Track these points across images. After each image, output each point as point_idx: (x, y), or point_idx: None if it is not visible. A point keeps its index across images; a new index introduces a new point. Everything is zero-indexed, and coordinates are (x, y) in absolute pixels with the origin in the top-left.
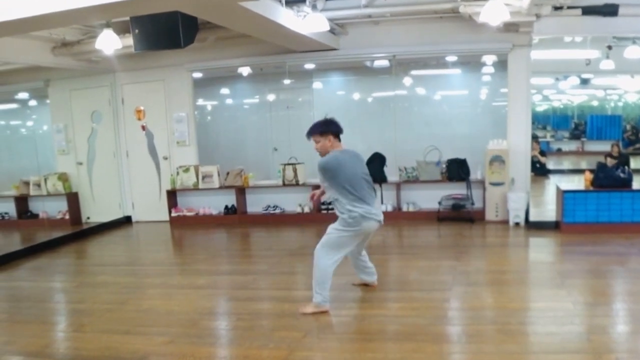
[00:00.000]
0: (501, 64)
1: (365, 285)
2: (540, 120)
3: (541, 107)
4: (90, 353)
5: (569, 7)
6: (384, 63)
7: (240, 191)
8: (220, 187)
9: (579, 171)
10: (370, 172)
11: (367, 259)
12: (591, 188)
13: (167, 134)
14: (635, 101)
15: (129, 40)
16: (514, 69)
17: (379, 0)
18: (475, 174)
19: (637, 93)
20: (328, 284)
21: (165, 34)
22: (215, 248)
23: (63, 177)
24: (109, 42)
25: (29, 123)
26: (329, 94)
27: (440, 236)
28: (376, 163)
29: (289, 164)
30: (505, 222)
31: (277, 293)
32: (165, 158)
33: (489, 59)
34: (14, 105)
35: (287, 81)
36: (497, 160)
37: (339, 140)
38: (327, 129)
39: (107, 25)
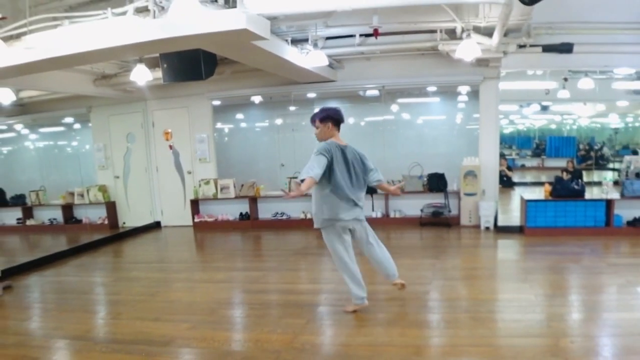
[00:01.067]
0: (474, 93)
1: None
2: (506, 141)
3: (508, 130)
4: (126, 337)
5: (531, 46)
6: (375, 92)
7: (253, 200)
8: (236, 197)
9: (540, 183)
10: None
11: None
12: (550, 198)
13: (191, 152)
14: (587, 125)
15: (159, 73)
16: (485, 97)
17: (370, 39)
18: (452, 186)
19: (589, 118)
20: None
21: (189, 68)
22: (232, 248)
23: (102, 189)
24: (141, 75)
25: (74, 143)
26: None
27: (422, 238)
28: None
29: (294, 177)
30: (478, 227)
31: (284, 286)
32: (189, 172)
33: (464, 89)
34: (61, 128)
35: (292, 108)
36: (471, 174)
37: (339, 130)
38: (327, 115)
39: (140, 61)
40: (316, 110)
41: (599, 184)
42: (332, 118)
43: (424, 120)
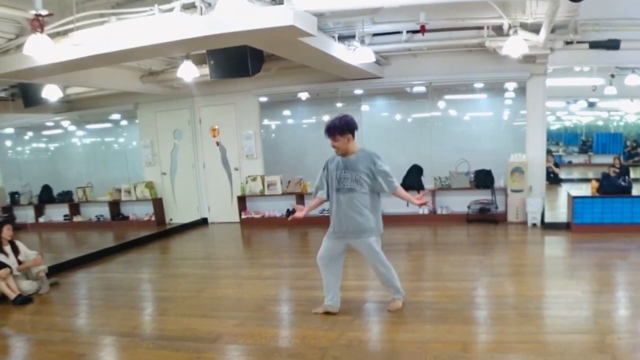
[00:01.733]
0: (521, 90)
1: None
2: (553, 137)
3: (554, 126)
4: (173, 333)
5: (578, 42)
6: (422, 89)
7: (300, 197)
8: (283, 193)
9: (587, 180)
10: (410, 181)
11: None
12: (597, 194)
13: (238, 148)
14: (634, 121)
15: (205, 70)
16: (532, 94)
17: (417, 36)
18: (499, 183)
19: (636, 114)
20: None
21: (236, 64)
22: (279, 245)
23: (149, 185)
24: (188, 72)
25: (121, 139)
26: (375, 116)
27: (469, 235)
28: (415, 173)
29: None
30: (524, 223)
31: None
32: (236, 169)
33: (510, 86)
34: (108, 125)
35: (339, 104)
36: (518, 170)
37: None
38: (348, 128)
39: (187, 57)
40: (329, 118)
41: None
42: (352, 130)
43: (471, 117)
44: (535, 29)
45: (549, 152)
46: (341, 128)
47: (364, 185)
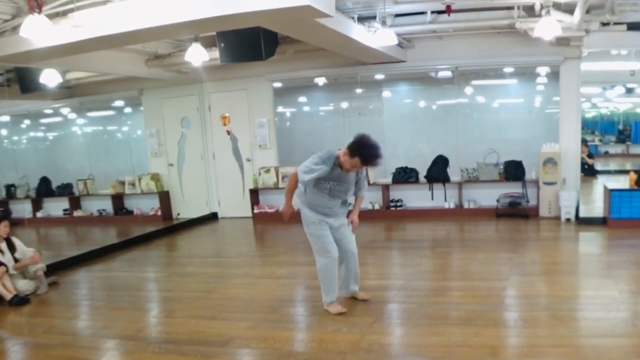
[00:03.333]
0: (553, 75)
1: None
2: (589, 126)
3: (590, 114)
4: (180, 337)
5: (615, 23)
6: (447, 74)
7: None
8: None
9: (625, 172)
10: (435, 173)
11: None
12: (636, 187)
13: (250, 138)
14: None
15: (215, 53)
16: (565, 79)
17: (443, 17)
18: (530, 175)
19: None
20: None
21: (248, 47)
22: (294, 241)
23: (155, 177)
24: (197, 55)
25: (124, 128)
26: (397, 102)
27: (498, 231)
28: (440, 164)
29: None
30: (558, 218)
31: None
32: (248, 160)
33: (543, 70)
34: (111, 112)
35: (359, 90)
36: (550, 162)
37: None
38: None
39: (196, 40)
40: (366, 143)
41: None
42: None
43: (500, 104)
44: (569, 9)
45: (583, 141)
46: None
47: (350, 192)
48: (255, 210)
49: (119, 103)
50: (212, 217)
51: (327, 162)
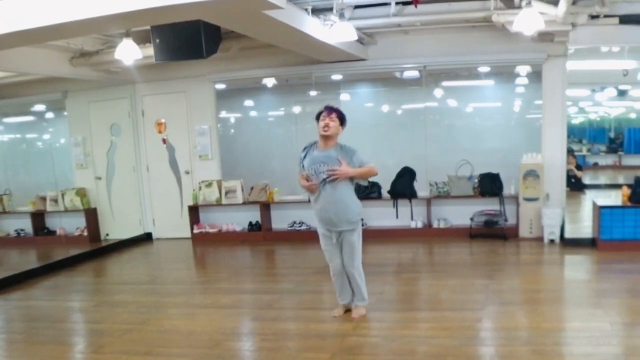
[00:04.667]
0: (536, 75)
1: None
2: (576, 134)
3: (577, 120)
4: None
5: (606, 16)
6: (414, 74)
7: (265, 207)
8: (244, 203)
9: (617, 186)
10: (400, 188)
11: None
12: (629, 204)
13: (189, 147)
14: None
15: (150, 51)
16: (549, 80)
17: (409, 9)
18: (508, 189)
19: None
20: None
21: (188, 44)
22: (239, 266)
23: (81, 193)
24: (129, 53)
25: (46, 136)
26: (358, 106)
27: (472, 254)
28: (406, 178)
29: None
30: (540, 239)
31: (304, 313)
32: (187, 173)
33: (523, 70)
34: (30, 118)
35: (313, 93)
36: (532, 174)
37: None
38: (344, 120)
39: (127, 35)
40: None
41: None
42: (344, 124)
43: (475, 108)
44: (553, 0)
45: (570, 151)
46: (342, 115)
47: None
48: (195, 231)
49: (39, 107)
50: (146, 238)
51: (305, 148)
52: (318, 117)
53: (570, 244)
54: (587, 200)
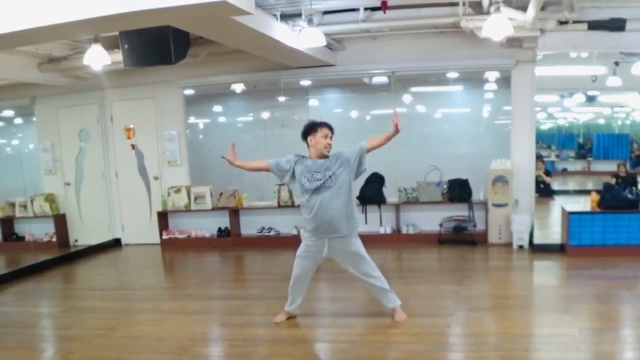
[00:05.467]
0: (504, 81)
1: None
2: (544, 139)
3: (546, 126)
4: None
5: (574, 22)
6: (383, 80)
7: (234, 212)
8: (213, 209)
9: (585, 192)
10: (369, 193)
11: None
12: (598, 209)
13: (158, 153)
14: None
15: (118, 56)
16: (518, 85)
17: (378, 14)
18: (477, 195)
19: None
20: None
21: (156, 49)
22: (208, 272)
23: (50, 198)
24: (97, 58)
25: (15, 142)
26: (326, 112)
27: (441, 259)
28: (374, 184)
29: (284, 185)
30: (509, 245)
31: (272, 318)
32: (156, 178)
33: (492, 76)
34: None
35: (282, 98)
36: (500, 180)
37: None
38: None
39: (96, 41)
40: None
41: None
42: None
43: (444, 114)
44: (521, 5)
45: (538, 157)
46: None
47: (339, 178)
48: (164, 236)
49: (7, 113)
50: (115, 243)
51: (293, 159)
52: (310, 129)
53: (539, 250)
54: (556, 205)
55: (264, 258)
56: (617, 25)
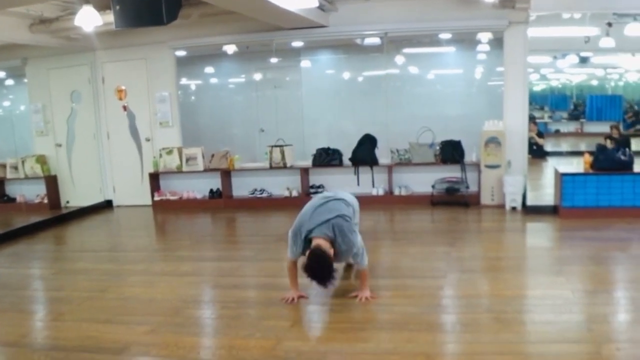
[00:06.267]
0: (497, 42)
1: None
2: (537, 101)
3: (538, 87)
4: (70, 343)
5: None
6: (375, 41)
7: (226, 174)
8: (205, 170)
9: (578, 153)
10: (361, 155)
11: None
12: (591, 171)
13: (150, 114)
14: (636, 81)
15: (110, 17)
16: (511, 46)
17: None
18: (470, 156)
19: (639, 72)
20: None
21: (147, 10)
22: (200, 233)
23: (41, 160)
24: (88, 19)
25: (6, 103)
26: (318, 73)
27: (433, 221)
28: (367, 145)
29: (276, 146)
30: (502, 207)
31: (264, 280)
32: (148, 140)
33: (485, 37)
34: None
35: (274, 60)
36: (493, 141)
37: None
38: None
39: (87, 1)
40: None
41: None
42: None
43: (436, 75)
44: None
45: (531, 118)
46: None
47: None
48: (156, 198)
49: None
50: (107, 205)
51: (297, 242)
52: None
53: (531, 211)
54: (549, 167)
55: (256, 220)
56: None
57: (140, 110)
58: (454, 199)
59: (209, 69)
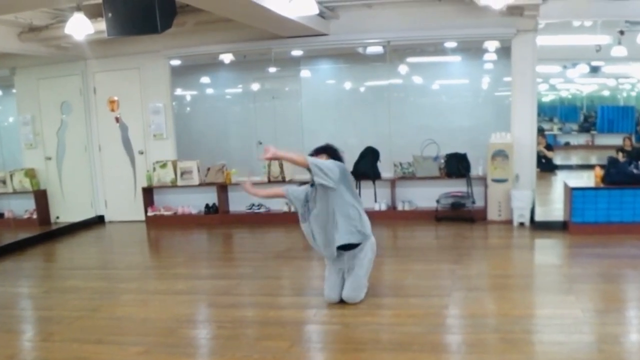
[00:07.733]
0: (504, 51)
1: None
2: (546, 112)
3: (547, 98)
4: None
5: None
6: (378, 49)
7: (222, 188)
8: (201, 184)
9: (589, 167)
10: (363, 168)
11: None
12: (602, 185)
13: (143, 126)
14: None
15: (102, 25)
16: (518, 56)
17: None
18: (476, 170)
19: None
20: None
21: (141, 17)
22: (195, 250)
23: (30, 173)
24: (79, 27)
25: None
26: (318, 83)
27: (438, 237)
28: (369, 158)
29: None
30: (509, 222)
31: (262, 299)
32: (141, 152)
33: (491, 46)
34: None
35: (272, 69)
36: (500, 154)
37: None
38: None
39: (78, 9)
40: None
41: None
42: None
43: (441, 86)
44: None
45: (540, 130)
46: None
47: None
48: (149, 213)
49: None
50: (98, 221)
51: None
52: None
53: (540, 227)
54: (558, 181)
55: (254, 236)
56: None
57: (133, 121)
58: (460, 215)
59: (205, 79)
